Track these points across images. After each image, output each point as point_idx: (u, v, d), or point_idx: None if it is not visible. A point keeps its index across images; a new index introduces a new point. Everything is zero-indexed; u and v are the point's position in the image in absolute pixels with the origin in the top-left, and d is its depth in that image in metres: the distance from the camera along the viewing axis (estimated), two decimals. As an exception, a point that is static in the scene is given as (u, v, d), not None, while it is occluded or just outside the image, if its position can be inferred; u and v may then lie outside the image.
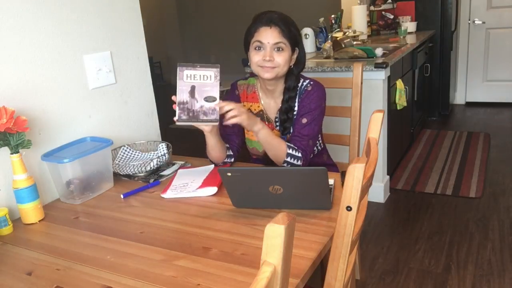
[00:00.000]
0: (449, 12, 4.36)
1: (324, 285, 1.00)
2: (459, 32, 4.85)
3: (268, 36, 1.51)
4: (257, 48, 1.54)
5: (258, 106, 1.69)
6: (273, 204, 1.26)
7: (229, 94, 1.76)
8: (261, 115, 1.68)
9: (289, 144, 1.54)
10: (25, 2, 1.41)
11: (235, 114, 1.40)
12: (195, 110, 1.37)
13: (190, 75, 1.36)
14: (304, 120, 1.58)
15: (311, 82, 1.63)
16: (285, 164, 1.54)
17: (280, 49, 1.52)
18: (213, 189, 1.41)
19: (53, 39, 1.51)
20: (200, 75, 1.36)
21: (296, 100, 1.62)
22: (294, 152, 1.53)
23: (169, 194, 1.42)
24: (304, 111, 1.59)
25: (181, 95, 1.36)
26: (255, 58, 1.54)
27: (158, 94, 2.06)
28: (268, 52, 1.52)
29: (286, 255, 0.65)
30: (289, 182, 1.18)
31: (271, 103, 1.67)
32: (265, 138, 1.50)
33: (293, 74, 1.60)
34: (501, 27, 4.69)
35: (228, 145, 1.63)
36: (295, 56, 1.59)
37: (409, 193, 2.99)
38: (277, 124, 1.66)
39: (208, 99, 1.37)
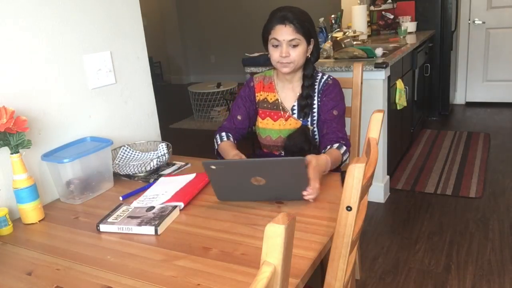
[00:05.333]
0: (449, 12, 4.37)
1: (324, 285, 1.00)
2: (459, 32, 4.85)
3: (284, 33, 1.60)
4: (274, 45, 1.63)
5: (274, 96, 1.76)
6: (256, 196, 1.29)
7: (243, 87, 1.83)
8: (277, 104, 1.75)
9: (339, 150, 1.59)
10: (25, 2, 1.41)
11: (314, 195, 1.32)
12: None
13: None
14: (335, 112, 1.68)
15: (331, 77, 1.73)
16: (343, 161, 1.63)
17: (296, 45, 1.61)
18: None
19: (53, 39, 1.51)
20: None
21: (316, 93, 1.70)
22: (343, 149, 1.61)
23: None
24: (333, 104, 1.68)
25: None
26: (274, 55, 1.64)
27: (158, 94, 2.06)
28: (285, 49, 1.60)
29: (286, 255, 0.65)
30: (271, 172, 1.21)
31: (289, 92, 1.75)
32: (332, 166, 1.51)
33: (310, 62, 1.70)
34: (501, 27, 4.69)
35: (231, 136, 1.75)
36: (311, 46, 1.68)
37: (409, 193, 2.99)
38: (294, 112, 1.73)
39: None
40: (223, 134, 1.75)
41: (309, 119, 1.71)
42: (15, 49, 1.40)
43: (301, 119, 1.71)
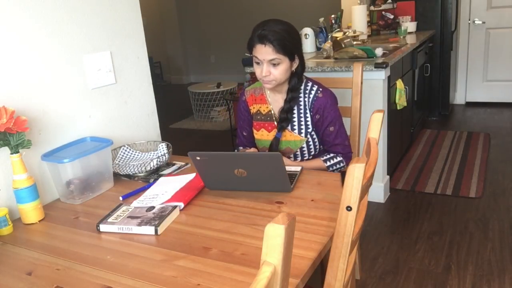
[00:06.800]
0: (449, 12, 4.36)
1: (324, 285, 1.00)
2: (459, 32, 4.85)
3: (263, 53, 1.58)
4: (256, 62, 1.63)
5: (267, 107, 1.77)
6: (240, 186, 1.38)
7: (238, 102, 1.88)
8: (270, 116, 1.76)
9: (325, 158, 1.71)
10: (25, 2, 1.41)
11: None
12: None
13: None
14: (331, 129, 1.70)
15: (320, 89, 1.70)
16: (330, 170, 1.70)
17: (276, 64, 1.59)
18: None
19: (53, 39, 1.51)
20: None
21: (308, 104, 1.70)
22: (333, 161, 1.70)
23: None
24: (328, 121, 1.69)
25: None
26: (257, 71, 1.64)
27: (158, 94, 2.06)
28: (265, 68, 1.59)
29: (286, 255, 0.65)
30: (250, 165, 1.31)
31: (280, 100, 1.75)
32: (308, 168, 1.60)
33: (295, 75, 1.68)
34: (501, 27, 4.69)
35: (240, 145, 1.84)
36: (296, 61, 1.65)
37: (409, 193, 2.99)
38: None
39: None
40: (240, 148, 1.86)
41: (303, 131, 1.71)
42: (15, 49, 1.40)
43: (277, 133, 1.72)
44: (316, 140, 1.74)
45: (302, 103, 1.70)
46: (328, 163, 1.70)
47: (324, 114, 1.69)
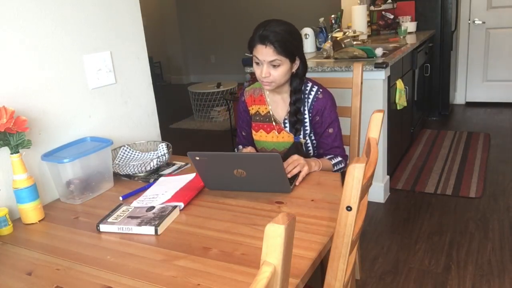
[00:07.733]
0: (449, 12, 4.36)
1: (324, 285, 1.00)
2: (459, 32, 4.85)
3: (264, 54, 1.56)
4: (256, 63, 1.61)
5: (266, 108, 1.76)
6: (239, 187, 1.38)
7: (238, 102, 1.87)
8: (269, 117, 1.75)
9: (331, 159, 1.68)
10: (25, 2, 1.41)
11: (299, 169, 1.48)
12: None
13: None
14: (331, 130, 1.69)
15: (321, 89, 1.70)
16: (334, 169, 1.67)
17: (276, 66, 1.57)
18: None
19: (53, 39, 1.51)
20: None
21: (307, 105, 1.68)
22: (336, 160, 1.68)
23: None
24: (328, 122, 1.69)
25: None
26: (256, 72, 1.62)
27: (158, 94, 2.06)
28: (265, 69, 1.57)
29: (286, 255, 0.65)
30: (250, 166, 1.31)
31: (279, 102, 1.73)
32: (323, 169, 1.59)
33: (297, 76, 1.66)
34: (501, 27, 4.69)
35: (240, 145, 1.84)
36: (297, 62, 1.63)
37: (409, 193, 2.99)
38: (286, 125, 1.72)
39: None
40: (240, 147, 1.85)
41: (301, 133, 1.71)
42: (15, 50, 1.40)
43: (295, 137, 1.70)
44: (314, 142, 1.74)
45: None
46: (336, 164, 1.69)
47: (324, 115, 1.68)
